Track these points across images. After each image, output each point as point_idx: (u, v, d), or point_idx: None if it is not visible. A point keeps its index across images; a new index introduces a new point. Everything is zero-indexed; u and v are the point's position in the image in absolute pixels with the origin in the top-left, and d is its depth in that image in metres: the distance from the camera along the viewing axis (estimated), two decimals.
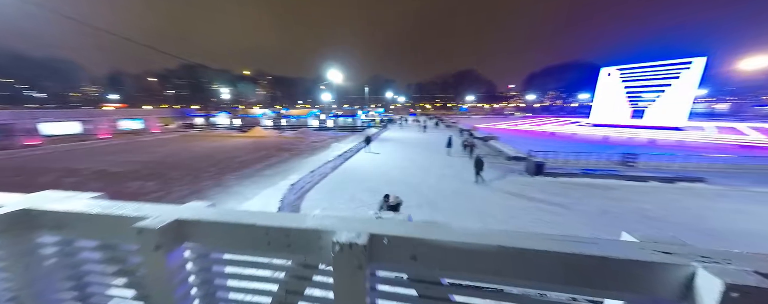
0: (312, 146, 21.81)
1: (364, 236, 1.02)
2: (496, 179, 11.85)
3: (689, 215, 8.02)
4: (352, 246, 1.00)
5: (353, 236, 1.02)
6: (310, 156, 17.57)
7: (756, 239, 6.51)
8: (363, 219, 1.20)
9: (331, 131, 32.24)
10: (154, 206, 1.33)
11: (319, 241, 1.11)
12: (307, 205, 9.23)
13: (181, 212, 1.26)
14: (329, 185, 11.42)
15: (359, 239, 1.01)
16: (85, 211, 1.30)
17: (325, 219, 1.18)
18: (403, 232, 1.04)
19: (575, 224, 7.54)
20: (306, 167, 12.94)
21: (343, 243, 1.00)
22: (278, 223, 1.14)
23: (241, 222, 1.19)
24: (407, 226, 1.10)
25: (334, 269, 1.04)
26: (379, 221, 1.18)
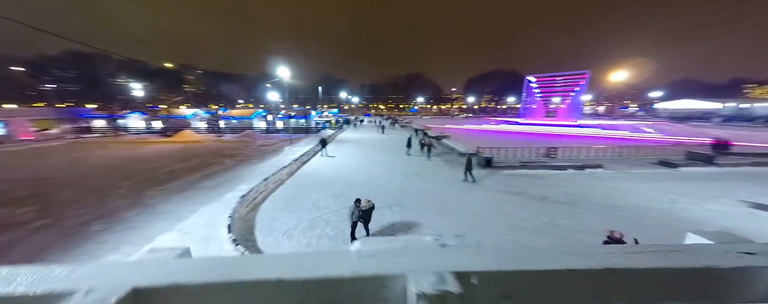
0: (260, 151, 19.51)
1: (451, 279, 0.71)
2: (456, 175, 12.58)
3: (599, 195, 9.93)
4: (445, 298, 0.66)
5: (435, 281, 0.69)
6: (260, 162, 15.65)
7: (643, 210, 8.42)
8: (412, 248, 0.86)
9: (282, 133, 29.57)
10: (78, 268, 0.74)
11: (381, 292, 0.73)
12: (264, 218, 8.04)
13: (137, 272, 0.73)
14: (287, 193, 10.27)
15: (450, 286, 0.68)
16: None
17: (380, 257, 0.80)
18: (487, 264, 0.77)
19: (527, 209, 8.48)
20: (257, 175, 11.38)
21: (430, 295, 0.66)
22: (306, 272, 0.72)
23: (243, 280, 0.71)
24: (479, 254, 0.83)
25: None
26: (442, 250, 0.86)
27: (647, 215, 8.05)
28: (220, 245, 5.88)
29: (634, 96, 76.59)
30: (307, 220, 7.94)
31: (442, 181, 11.77)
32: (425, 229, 7.29)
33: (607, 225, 7.21)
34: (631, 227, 6.94)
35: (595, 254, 0.79)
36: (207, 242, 6.03)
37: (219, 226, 6.57)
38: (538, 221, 7.73)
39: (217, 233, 6.37)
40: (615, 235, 4.46)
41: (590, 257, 0.77)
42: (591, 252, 0.80)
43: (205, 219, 7.05)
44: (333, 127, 32.91)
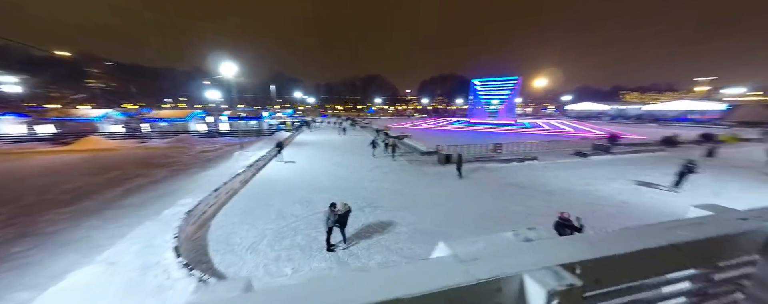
0: (202, 158, 16.94)
1: (565, 272, 0.71)
2: (420, 173, 13.13)
3: (538, 182, 11.67)
4: (571, 292, 0.66)
5: (554, 276, 0.69)
6: (204, 171, 13.59)
7: (570, 192, 10.22)
8: (504, 247, 0.86)
9: (228, 137, 26.26)
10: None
11: (497, 296, 0.70)
12: (218, 235, 6.99)
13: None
14: (244, 203, 9.15)
15: (570, 279, 0.68)
16: None
17: (485, 259, 0.76)
18: (581, 254, 0.80)
19: (486, 198, 9.38)
20: (203, 185, 9.85)
21: (560, 291, 0.65)
22: (420, 286, 0.64)
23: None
24: (569, 244, 0.87)
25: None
26: (533, 245, 0.87)
27: (573, 197, 9.78)
28: (165, 274, 4.86)
29: (551, 99, 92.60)
30: (273, 231, 7.22)
31: (410, 179, 12.14)
32: (402, 227, 7.39)
33: (548, 208, 8.50)
34: (566, 207, 8.32)
35: (654, 233, 0.90)
36: (144, 273, 4.92)
37: (161, 250, 5.44)
38: (498, 209, 8.64)
39: (159, 259, 5.26)
40: (564, 215, 5.28)
41: (653, 236, 0.88)
42: (651, 231, 0.91)
43: (139, 244, 5.75)
44: (289, 129, 30.69)
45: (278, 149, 16.24)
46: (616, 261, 0.80)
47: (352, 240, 6.66)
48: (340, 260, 5.92)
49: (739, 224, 0.96)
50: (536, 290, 0.66)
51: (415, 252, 6.19)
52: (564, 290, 0.64)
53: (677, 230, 0.93)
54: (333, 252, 6.19)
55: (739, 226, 0.94)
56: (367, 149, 18.36)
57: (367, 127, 40.06)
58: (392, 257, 6.00)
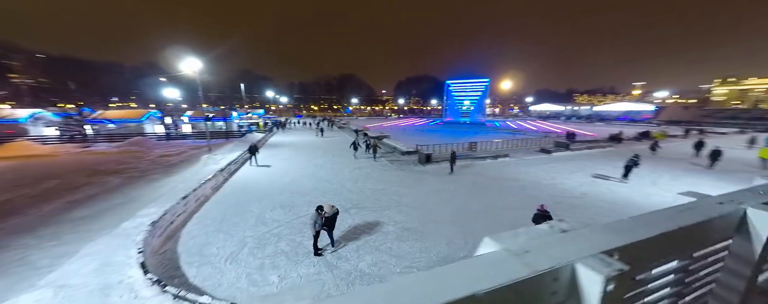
0: (163, 163, 15.32)
1: (610, 259, 0.77)
2: (402, 173, 13.30)
3: (510, 176, 12.54)
4: (622, 276, 0.72)
5: (603, 263, 0.74)
6: (167, 177, 12.32)
7: (539, 186, 11.13)
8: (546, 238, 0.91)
9: (192, 140, 24.08)
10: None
11: (553, 285, 0.73)
12: (190, 246, 6.39)
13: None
14: (218, 211, 8.48)
15: (619, 264, 0.74)
16: None
17: (539, 250, 0.80)
18: (615, 241, 0.87)
19: (466, 195, 9.81)
20: (166, 193, 8.93)
21: (613, 276, 0.70)
22: (488, 281, 0.65)
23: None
24: (602, 233, 0.94)
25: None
26: (573, 235, 0.94)
27: (542, 190, 10.66)
28: (131, 293, 4.31)
29: (516, 101, 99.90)
30: (254, 238, 6.80)
31: (392, 179, 12.23)
32: (389, 226, 7.42)
33: (522, 202, 9.17)
34: (536, 200, 9.05)
35: (664, 219, 1.02)
36: (107, 294, 4.32)
37: (123, 267, 4.82)
38: (476, 204, 9.09)
39: (122, 277, 4.65)
40: (543, 208, 5.74)
41: (664, 222, 0.99)
42: (660, 217, 1.03)
43: (95, 262, 5.03)
44: (261, 131, 29.04)
45: (251, 153, 15.15)
46: (643, 246, 0.88)
47: (340, 242, 6.54)
48: (328, 264, 5.77)
49: (719, 207, 1.13)
50: (591, 276, 0.70)
51: (405, 251, 6.26)
52: (617, 274, 0.69)
53: (679, 215, 1.06)
54: (321, 256, 6.02)
55: (720, 209, 1.12)
56: (347, 150, 18.11)
57: (345, 127, 39.54)
58: (382, 258, 6.00)
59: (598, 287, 0.69)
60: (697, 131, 30.18)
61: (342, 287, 5.06)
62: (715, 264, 1.18)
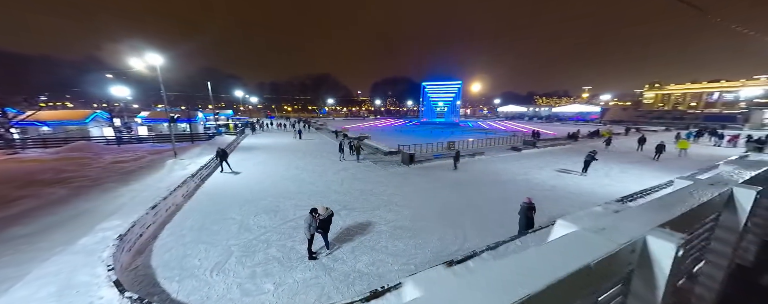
0: (118, 170, 13.57)
1: (664, 231, 0.90)
2: (387, 173, 13.42)
3: (490, 174, 13.36)
4: (687, 243, 0.87)
5: (666, 235, 0.85)
6: (125, 185, 10.97)
7: (515, 180, 12.03)
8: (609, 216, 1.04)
9: (149, 143, 21.64)
10: None
11: (631, 255, 0.84)
12: (167, 259, 5.80)
13: None
14: (193, 220, 7.80)
15: (678, 235, 0.86)
16: None
17: (616, 228, 0.90)
18: (658, 218, 0.99)
19: (448, 190, 10.25)
20: (128, 203, 7.98)
21: (682, 243, 0.84)
22: (591, 253, 0.74)
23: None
24: (644, 211, 1.08)
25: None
26: (624, 213, 1.07)
27: (517, 184, 11.55)
28: None
29: (484, 102, 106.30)
30: (240, 246, 6.39)
31: (378, 179, 12.28)
32: (381, 225, 7.47)
33: (501, 196, 9.84)
34: (513, 193, 9.80)
35: (684, 197, 1.23)
36: None
37: (91, 288, 4.22)
38: (461, 200, 9.54)
39: (91, 299, 4.08)
40: (530, 200, 6.26)
41: (687, 200, 1.19)
42: (681, 197, 1.23)
43: (53, 285, 4.33)
44: (231, 133, 27.09)
45: (221, 159, 13.26)
46: (679, 221, 1.03)
47: (334, 245, 6.43)
48: (325, 267, 5.65)
49: (712, 188, 1.41)
50: (664, 245, 0.82)
51: (401, 249, 6.36)
52: (684, 242, 0.83)
53: (693, 194, 1.27)
54: (316, 260, 5.87)
55: (713, 190, 1.39)
56: (329, 152, 17.75)
57: (323, 128, 38.60)
58: (379, 257, 6.03)
59: (671, 254, 0.80)
60: (635, 129, 34.93)
61: (342, 289, 5.00)
62: (711, 231, 1.46)
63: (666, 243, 0.83)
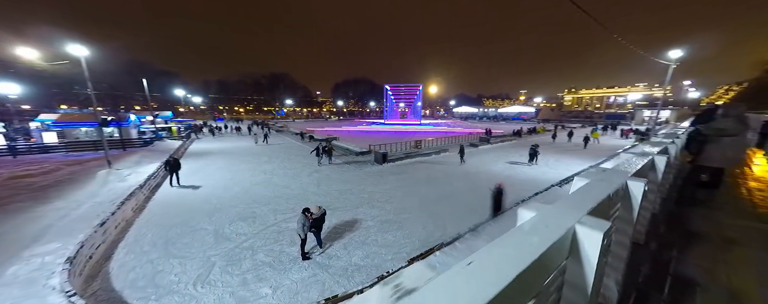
0: (24, 187, 10.80)
1: (592, 217, 0.97)
2: (361, 172, 13.65)
3: (453, 167, 14.72)
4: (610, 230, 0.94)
5: (592, 222, 0.92)
6: (42, 204, 8.90)
7: (477, 172, 13.55)
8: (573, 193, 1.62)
9: (61, 152, 17.56)
10: None
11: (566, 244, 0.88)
12: (133, 278, 5.10)
13: None
14: (154, 234, 6.88)
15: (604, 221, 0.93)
16: None
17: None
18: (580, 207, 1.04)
19: (422, 185, 11.04)
20: (56, 223, 6.64)
21: (607, 230, 0.90)
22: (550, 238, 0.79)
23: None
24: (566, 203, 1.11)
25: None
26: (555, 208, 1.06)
27: (480, 175, 13.03)
28: None
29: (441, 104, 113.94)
30: (221, 256, 5.96)
31: (354, 179, 12.43)
32: (368, 221, 7.73)
33: (468, 187, 11.03)
34: (479, 184, 11.08)
35: (600, 186, 1.89)
36: None
37: None
38: (435, 193, 10.40)
39: None
40: (501, 186, 7.28)
41: (605, 187, 1.85)
42: (596, 185, 1.89)
43: None
44: (176, 137, 23.69)
45: (172, 170, 10.95)
46: (600, 208, 1.10)
47: (325, 243, 6.48)
48: (321, 265, 5.70)
49: (639, 158, 2.14)
50: (590, 233, 0.87)
51: (390, 240, 6.75)
52: (607, 227, 0.89)
53: (603, 185, 1.36)
54: (310, 259, 5.86)
55: (641, 159, 2.10)
56: (297, 155, 17.06)
57: (284, 131, 36.49)
58: (372, 249, 6.32)
59: (600, 237, 0.85)
60: (561, 127, 41.94)
61: (343, 282, 5.16)
62: (616, 217, 1.50)
63: (594, 230, 0.89)
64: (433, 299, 0.51)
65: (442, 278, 0.57)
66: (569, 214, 0.95)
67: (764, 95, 28.81)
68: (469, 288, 0.54)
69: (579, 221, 0.91)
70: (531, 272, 0.63)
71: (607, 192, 1.22)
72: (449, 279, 0.57)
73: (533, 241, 0.75)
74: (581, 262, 0.91)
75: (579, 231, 0.89)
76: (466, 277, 0.58)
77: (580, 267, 0.92)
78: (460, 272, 0.59)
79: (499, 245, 0.72)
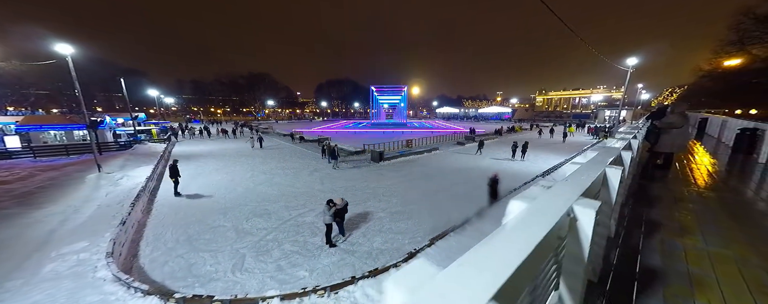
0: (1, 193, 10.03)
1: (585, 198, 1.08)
2: (361, 170, 14.20)
3: (447, 164, 15.77)
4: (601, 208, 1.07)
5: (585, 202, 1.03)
6: (35, 210, 8.48)
7: (467, 168, 14.69)
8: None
9: (27, 158, 16.12)
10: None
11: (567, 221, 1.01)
12: (170, 272, 5.32)
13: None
14: (172, 233, 6.99)
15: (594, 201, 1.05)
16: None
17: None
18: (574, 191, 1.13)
19: (421, 180, 11.89)
20: (59, 228, 6.57)
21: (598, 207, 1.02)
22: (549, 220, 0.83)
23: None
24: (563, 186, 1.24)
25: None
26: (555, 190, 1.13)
27: (471, 170, 14.17)
28: None
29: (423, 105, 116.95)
30: (249, 248, 6.30)
31: (355, 176, 12.96)
32: (378, 213, 8.37)
33: (462, 180, 12.06)
34: (470, 177, 12.15)
35: (589, 169, 2.78)
36: None
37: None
38: (434, 186, 11.28)
39: None
40: (496, 176, 8.26)
41: (593, 169, 2.74)
42: (585, 169, 2.79)
43: None
44: (156, 140, 22.48)
45: (173, 176, 9.89)
46: (588, 192, 1.22)
47: (346, 233, 7.03)
48: (346, 251, 6.26)
49: (596, 168, 3.05)
50: (585, 210, 1.00)
51: (403, 228, 7.45)
52: (600, 207, 1.02)
53: (588, 173, 1.54)
54: (335, 247, 6.39)
55: (597, 169, 3.02)
56: (291, 155, 17.17)
57: (269, 132, 35.72)
58: (389, 236, 6.97)
59: (592, 216, 0.97)
60: (536, 125, 45.33)
61: (370, 263, 5.77)
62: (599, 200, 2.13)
63: (588, 208, 0.99)
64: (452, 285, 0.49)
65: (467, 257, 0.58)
66: (566, 196, 1.05)
67: (699, 96, 33.69)
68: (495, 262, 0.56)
69: (575, 202, 1.01)
70: (543, 246, 0.68)
71: (593, 177, 1.41)
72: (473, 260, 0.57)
73: (541, 220, 0.80)
74: (578, 237, 1.03)
75: (576, 210, 1.00)
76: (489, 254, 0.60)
77: (578, 241, 1.03)
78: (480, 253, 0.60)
79: (512, 227, 0.76)
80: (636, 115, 42.85)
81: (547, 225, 0.76)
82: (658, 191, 4.02)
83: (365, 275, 4.66)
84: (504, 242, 0.66)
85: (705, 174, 5.20)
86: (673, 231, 2.77)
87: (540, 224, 0.77)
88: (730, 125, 10.02)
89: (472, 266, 0.55)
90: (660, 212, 3.25)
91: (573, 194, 1.07)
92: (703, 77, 27.29)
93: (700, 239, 2.60)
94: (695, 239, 2.60)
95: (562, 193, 1.09)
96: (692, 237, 2.64)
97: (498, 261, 0.57)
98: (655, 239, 2.59)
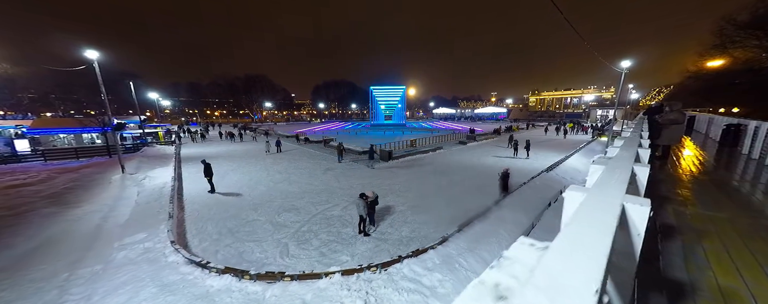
0: (29, 195, 10.26)
1: (635, 197, 1.10)
2: (372, 170, 14.77)
3: (453, 162, 16.45)
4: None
5: (637, 200, 1.09)
6: (72, 208, 8.81)
7: (472, 164, 15.41)
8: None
9: (38, 161, 16.19)
10: None
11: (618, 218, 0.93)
12: (223, 260, 5.80)
13: None
14: (212, 227, 7.45)
15: (644, 199, 1.29)
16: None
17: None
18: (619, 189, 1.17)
19: (431, 177, 12.52)
20: (103, 223, 6.97)
21: (653, 207, 1.12)
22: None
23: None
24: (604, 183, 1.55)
25: None
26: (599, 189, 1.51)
27: (476, 167, 14.89)
28: None
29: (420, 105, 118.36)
30: (289, 237, 6.83)
31: (368, 174, 13.52)
32: (399, 207, 8.96)
33: (470, 175, 12.76)
34: (476, 174, 12.85)
35: (619, 164, 3.44)
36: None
37: (200, 279, 4.31)
38: (446, 182, 11.92)
39: (206, 286, 4.20)
40: (507, 171, 8.94)
41: (623, 165, 3.41)
42: (617, 164, 3.46)
43: (153, 286, 4.14)
44: (162, 142, 22.63)
45: (207, 175, 10.36)
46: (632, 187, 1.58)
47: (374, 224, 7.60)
48: (379, 239, 6.82)
49: (625, 167, 3.74)
50: (638, 208, 1.04)
51: (424, 219, 8.03)
52: (651, 205, 1.05)
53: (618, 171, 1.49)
54: (369, 236, 6.95)
55: (625, 168, 3.71)
56: (301, 156, 17.63)
57: (271, 134, 35.97)
58: (414, 226, 7.56)
59: (647, 213, 1.02)
60: (532, 125, 46.65)
61: (403, 249, 6.34)
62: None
63: (638, 207, 1.03)
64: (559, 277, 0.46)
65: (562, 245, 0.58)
66: (615, 195, 1.02)
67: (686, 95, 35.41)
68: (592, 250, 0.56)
69: (625, 201, 1.00)
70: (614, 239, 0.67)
71: (627, 176, 1.36)
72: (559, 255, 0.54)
73: (607, 213, 0.80)
74: (629, 234, 1.03)
75: (628, 208, 1.01)
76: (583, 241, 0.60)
77: (629, 239, 1.04)
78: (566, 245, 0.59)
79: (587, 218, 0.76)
80: (626, 113, 44.60)
81: (614, 218, 0.76)
82: (661, 176, 4.74)
83: (409, 254, 5.24)
84: (589, 230, 0.67)
85: (697, 163, 5.98)
86: (678, 202, 3.45)
87: (607, 217, 0.77)
88: (716, 122, 10.96)
89: (577, 252, 0.56)
90: (666, 189, 3.94)
91: (620, 191, 1.08)
92: (690, 78, 28.77)
93: (699, 207, 3.29)
94: (696, 207, 3.29)
95: (612, 189, 1.10)
96: (693, 206, 3.33)
97: (593, 249, 0.57)
98: (667, 208, 3.27)
